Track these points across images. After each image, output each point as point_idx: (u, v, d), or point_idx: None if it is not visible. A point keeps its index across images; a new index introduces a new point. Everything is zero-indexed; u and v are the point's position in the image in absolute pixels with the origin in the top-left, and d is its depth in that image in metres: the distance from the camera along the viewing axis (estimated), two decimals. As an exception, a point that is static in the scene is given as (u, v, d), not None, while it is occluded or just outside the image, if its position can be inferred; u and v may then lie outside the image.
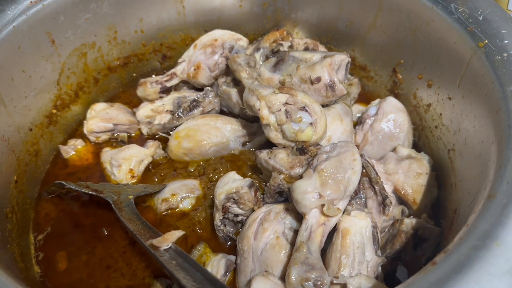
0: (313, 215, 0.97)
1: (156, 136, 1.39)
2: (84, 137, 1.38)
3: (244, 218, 1.12)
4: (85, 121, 1.37)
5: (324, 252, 0.98)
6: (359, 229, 0.97)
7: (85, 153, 1.35)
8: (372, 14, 1.30)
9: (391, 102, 1.27)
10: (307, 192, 0.97)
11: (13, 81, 1.13)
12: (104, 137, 1.37)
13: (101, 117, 1.35)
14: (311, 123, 1.09)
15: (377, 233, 1.00)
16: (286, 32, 1.48)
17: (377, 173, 1.09)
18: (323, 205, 0.96)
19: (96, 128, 1.34)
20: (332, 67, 1.19)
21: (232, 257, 1.08)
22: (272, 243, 1.00)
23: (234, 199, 1.09)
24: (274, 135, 1.13)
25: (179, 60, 1.45)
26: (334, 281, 0.92)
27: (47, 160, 1.31)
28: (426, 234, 1.08)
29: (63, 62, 1.28)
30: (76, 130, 1.41)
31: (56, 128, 1.33)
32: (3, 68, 1.09)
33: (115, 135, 1.38)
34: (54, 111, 1.31)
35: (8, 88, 1.11)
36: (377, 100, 1.32)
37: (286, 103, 1.10)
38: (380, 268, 0.99)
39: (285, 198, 1.12)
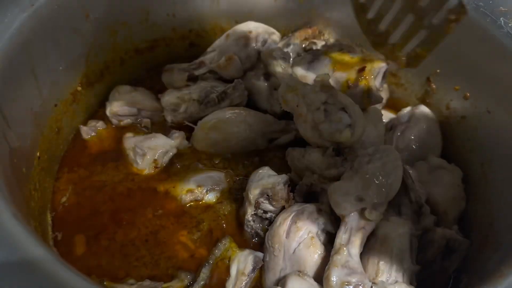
0: (353, 218, 0.95)
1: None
2: (105, 119, 1.32)
3: (273, 215, 1.09)
4: (107, 103, 1.32)
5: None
6: (399, 236, 0.96)
7: (105, 136, 1.30)
8: (411, 20, 1.29)
9: (424, 111, 1.27)
10: (348, 194, 0.95)
11: (45, 52, 1.07)
12: (127, 121, 1.32)
13: (126, 101, 1.30)
14: (349, 125, 1.07)
15: (414, 241, 0.99)
16: (319, 31, 1.46)
17: (413, 181, 1.07)
18: (363, 209, 0.94)
19: (120, 111, 1.29)
20: (371, 73, 1.18)
21: (260, 254, 1.05)
22: (306, 243, 0.98)
23: (267, 195, 1.06)
24: (311, 134, 1.11)
25: (209, 49, 1.41)
26: (373, 287, 0.90)
27: (67, 139, 1.26)
28: (455, 246, 1.07)
29: (94, 38, 1.23)
30: (96, 112, 1.35)
31: (78, 106, 1.28)
32: (37, 38, 1.04)
33: (138, 120, 1.33)
34: (79, 88, 1.25)
35: (40, 59, 1.06)
36: (408, 108, 1.31)
37: (326, 102, 1.08)
38: (414, 277, 0.98)
39: (315, 198, 1.10)
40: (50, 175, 1.16)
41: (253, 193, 1.06)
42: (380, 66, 1.20)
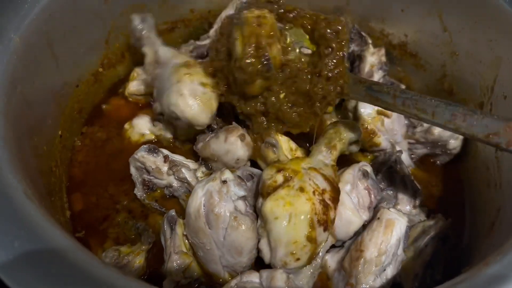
0: None
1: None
2: (126, 98, 1.37)
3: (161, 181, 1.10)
4: (126, 83, 1.36)
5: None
6: (400, 224, 0.98)
7: (123, 112, 1.34)
8: (432, -1, 1.25)
9: None
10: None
11: (65, 36, 1.13)
12: (144, 99, 1.36)
13: (142, 80, 1.34)
14: None
15: (408, 232, 1.01)
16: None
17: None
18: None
19: (136, 91, 1.35)
20: None
21: (171, 211, 1.03)
22: (232, 226, 0.94)
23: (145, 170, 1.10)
24: None
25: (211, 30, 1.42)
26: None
27: (88, 117, 1.32)
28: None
29: (113, 21, 1.28)
30: (118, 90, 1.39)
31: (100, 86, 1.34)
32: (57, 21, 1.09)
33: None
34: (101, 69, 1.32)
35: (60, 42, 1.12)
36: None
37: None
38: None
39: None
40: (70, 150, 1.23)
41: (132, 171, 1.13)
42: None
